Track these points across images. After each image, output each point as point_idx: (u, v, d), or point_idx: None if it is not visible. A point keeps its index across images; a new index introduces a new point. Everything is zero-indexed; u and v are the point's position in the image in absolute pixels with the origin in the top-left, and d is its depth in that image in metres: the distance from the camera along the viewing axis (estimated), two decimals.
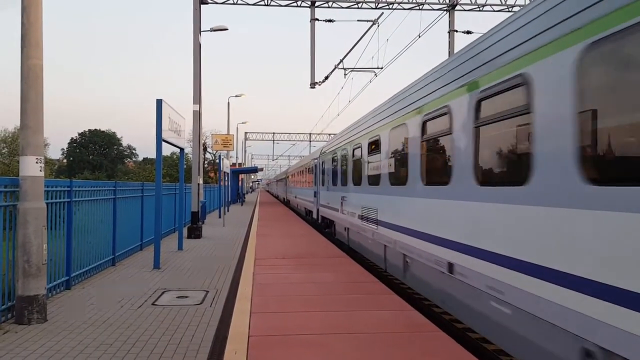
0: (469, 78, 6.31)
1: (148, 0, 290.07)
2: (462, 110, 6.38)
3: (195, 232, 17.30)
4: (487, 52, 5.92)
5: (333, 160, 17.08)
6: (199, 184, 19.10)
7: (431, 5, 20.93)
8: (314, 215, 22.81)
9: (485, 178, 5.92)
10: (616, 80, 3.95)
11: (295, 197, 35.61)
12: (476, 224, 5.98)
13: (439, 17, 18.63)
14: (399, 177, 9.36)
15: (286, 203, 45.86)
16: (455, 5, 20.90)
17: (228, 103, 43.78)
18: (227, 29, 20.93)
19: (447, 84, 6.99)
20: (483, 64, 5.93)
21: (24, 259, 6.54)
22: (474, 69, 6.17)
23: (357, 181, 12.97)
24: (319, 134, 68.77)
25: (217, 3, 20.10)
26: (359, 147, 12.88)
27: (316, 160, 22.34)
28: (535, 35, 4.85)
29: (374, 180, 11.10)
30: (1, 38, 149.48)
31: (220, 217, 25.52)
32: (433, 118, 7.57)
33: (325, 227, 19.69)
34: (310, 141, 75.81)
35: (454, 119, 6.70)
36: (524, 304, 4.81)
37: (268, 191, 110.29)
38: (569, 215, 4.25)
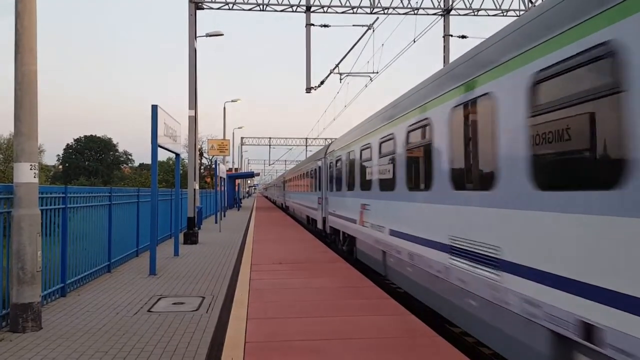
0: None
1: (143, 6, 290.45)
2: None
3: (191, 238, 17.24)
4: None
5: None
6: (195, 190, 19.06)
7: (426, 10, 21.01)
8: None
9: None
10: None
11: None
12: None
13: (434, 22, 18.73)
14: None
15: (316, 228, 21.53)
16: (450, 9, 20.98)
17: (224, 108, 43.87)
18: (222, 34, 20.96)
19: None
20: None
21: (19, 266, 6.49)
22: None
23: None
24: (315, 138, 68.87)
25: (212, 9, 20.12)
26: None
27: None
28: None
29: None
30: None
31: (216, 222, 25.46)
32: None
33: None
34: (306, 146, 75.90)
35: None
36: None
37: (266, 196, 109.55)
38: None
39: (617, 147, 3.88)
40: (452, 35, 21.23)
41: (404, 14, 20.97)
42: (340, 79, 22.19)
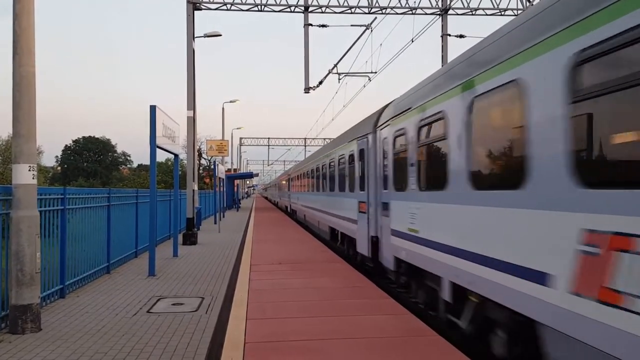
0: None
1: (141, 7, 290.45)
2: None
3: (190, 239, 17.24)
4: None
5: None
6: (194, 190, 19.05)
7: (424, 9, 21.01)
8: None
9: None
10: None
11: None
12: None
13: (432, 22, 18.72)
14: None
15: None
16: (448, 9, 20.99)
17: (222, 109, 43.80)
18: (220, 35, 20.95)
19: None
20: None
21: (18, 268, 6.48)
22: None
23: None
24: (313, 138, 68.84)
25: (210, 9, 20.11)
26: None
27: None
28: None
29: None
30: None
31: (215, 223, 25.45)
32: None
33: None
34: (305, 146, 75.87)
35: None
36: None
37: (265, 197, 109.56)
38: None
39: None
40: (450, 35, 21.23)
41: (401, 13, 20.98)
42: (339, 79, 22.18)
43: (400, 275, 9.52)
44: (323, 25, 20.74)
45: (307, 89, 21.29)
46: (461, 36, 21.22)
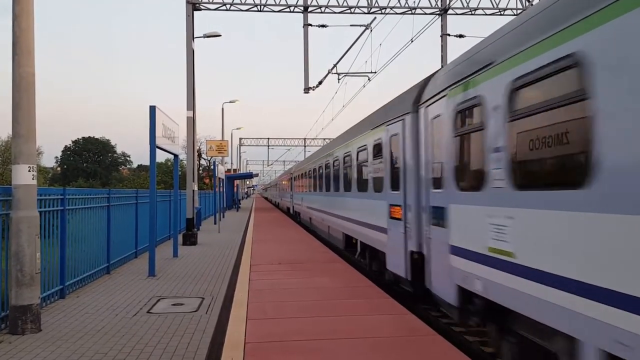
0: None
1: (141, 7, 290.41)
2: None
3: (190, 239, 17.23)
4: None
5: None
6: (193, 190, 19.05)
7: (423, 9, 21.01)
8: None
9: None
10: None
11: None
12: None
13: (432, 22, 18.71)
14: None
15: None
16: (447, 9, 21.00)
17: (222, 109, 43.79)
18: (220, 35, 20.95)
19: None
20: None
21: (17, 268, 6.48)
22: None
23: None
24: (313, 139, 68.81)
25: (209, 9, 20.11)
26: None
27: None
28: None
29: None
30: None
31: (215, 223, 25.45)
32: None
33: None
34: (305, 146, 75.83)
35: None
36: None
37: (265, 197, 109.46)
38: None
39: None
40: (449, 35, 21.23)
41: (401, 13, 20.98)
42: (339, 79, 22.17)
43: (469, 314, 6.51)
44: (322, 26, 20.74)
45: (306, 89, 21.29)
46: (461, 36, 21.22)
